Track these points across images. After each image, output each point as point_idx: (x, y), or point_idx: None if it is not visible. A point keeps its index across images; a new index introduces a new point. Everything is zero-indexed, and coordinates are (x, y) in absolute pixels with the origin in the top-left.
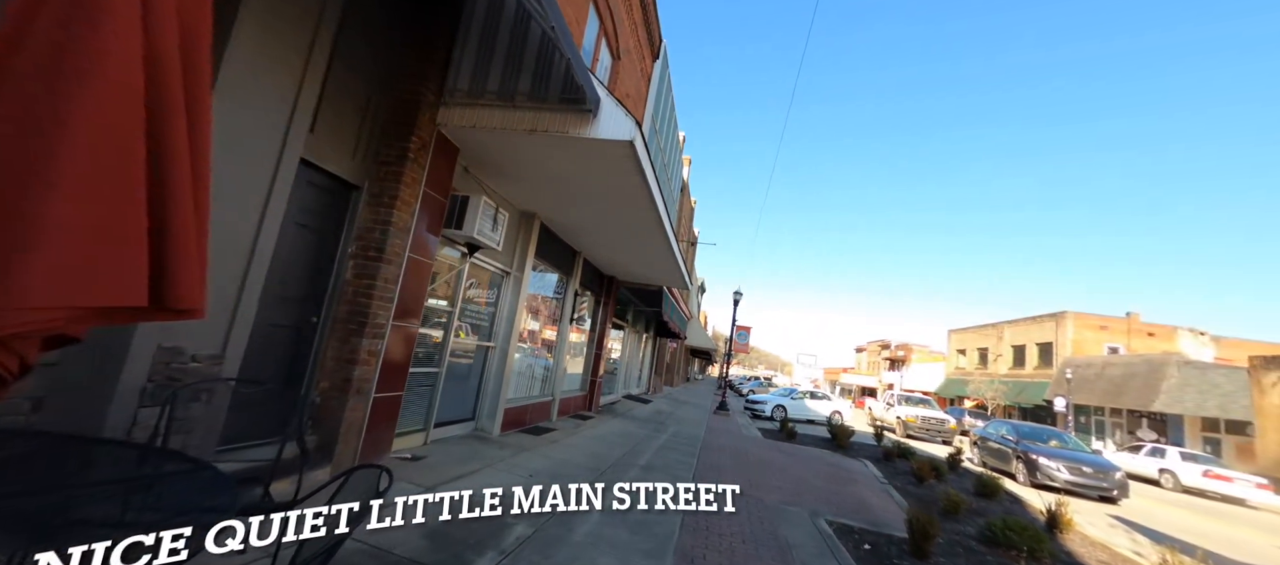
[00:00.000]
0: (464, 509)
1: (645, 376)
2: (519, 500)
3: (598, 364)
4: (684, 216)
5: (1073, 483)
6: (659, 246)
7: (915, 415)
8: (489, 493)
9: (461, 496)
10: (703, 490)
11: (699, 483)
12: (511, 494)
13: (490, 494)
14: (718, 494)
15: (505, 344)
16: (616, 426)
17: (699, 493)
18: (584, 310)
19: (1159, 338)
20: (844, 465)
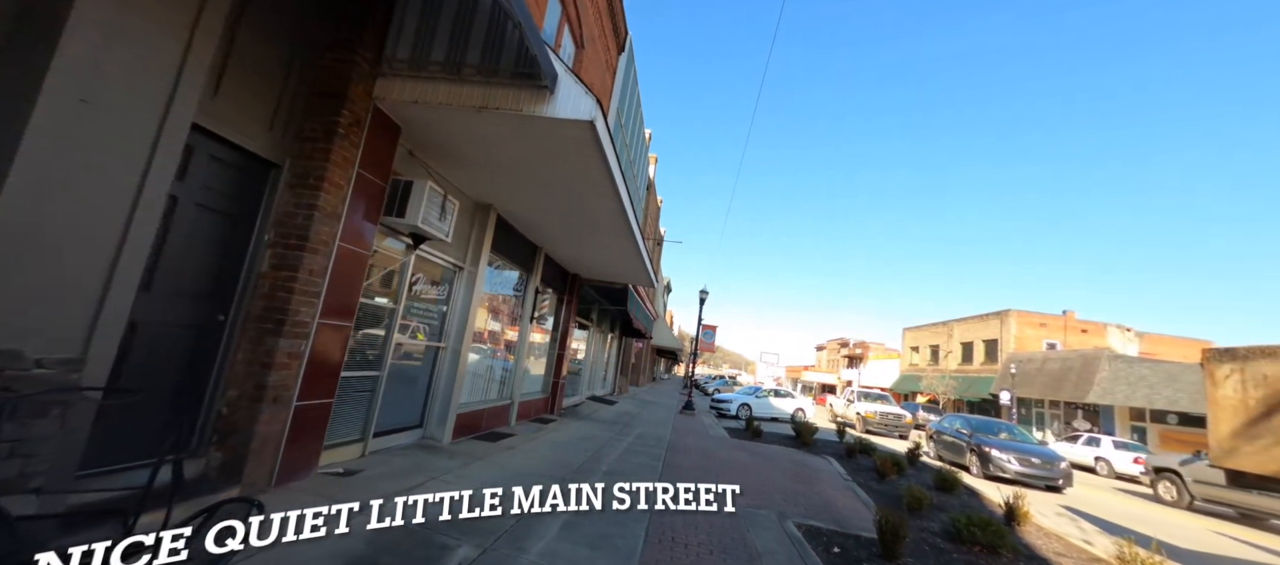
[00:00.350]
0: (398, 515)
1: (611, 377)
2: (466, 507)
3: (560, 365)
4: (650, 214)
5: (1022, 474)
6: (624, 241)
7: (874, 411)
8: (423, 499)
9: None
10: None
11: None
12: (459, 502)
13: (427, 500)
14: (718, 494)
15: (458, 344)
16: (579, 430)
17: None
18: (545, 309)
19: (1091, 334)
20: (809, 463)
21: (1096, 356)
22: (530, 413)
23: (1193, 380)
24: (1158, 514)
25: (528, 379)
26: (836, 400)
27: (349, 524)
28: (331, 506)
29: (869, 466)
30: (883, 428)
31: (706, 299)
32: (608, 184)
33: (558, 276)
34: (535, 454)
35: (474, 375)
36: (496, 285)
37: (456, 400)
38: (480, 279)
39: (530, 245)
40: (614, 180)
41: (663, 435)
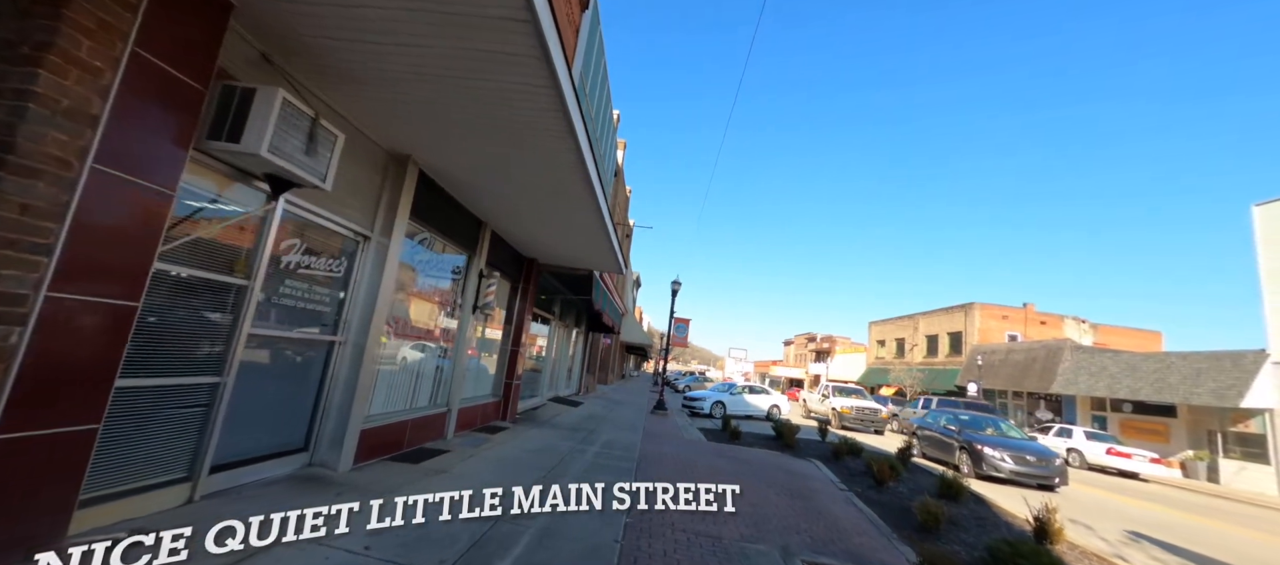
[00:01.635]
0: None
1: (576, 375)
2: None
3: (514, 363)
4: (618, 204)
5: (1018, 473)
6: (586, 215)
7: (850, 406)
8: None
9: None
10: None
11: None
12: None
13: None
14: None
15: (362, 338)
16: (535, 440)
17: None
18: (491, 296)
19: (1049, 326)
20: (797, 470)
21: (1059, 347)
22: (475, 420)
23: (1153, 370)
24: (1166, 515)
25: (471, 380)
26: (810, 395)
27: None
28: None
29: (860, 470)
30: (858, 423)
31: (679, 291)
32: (561, 125)
33: (510, 261)
34: (470, 478)
35: (391, 378)
36: (425, 266)
37: (360, 412)
38: (394, 253)
39: (471, 219)
40: (569, 115)
41: (633, 442)
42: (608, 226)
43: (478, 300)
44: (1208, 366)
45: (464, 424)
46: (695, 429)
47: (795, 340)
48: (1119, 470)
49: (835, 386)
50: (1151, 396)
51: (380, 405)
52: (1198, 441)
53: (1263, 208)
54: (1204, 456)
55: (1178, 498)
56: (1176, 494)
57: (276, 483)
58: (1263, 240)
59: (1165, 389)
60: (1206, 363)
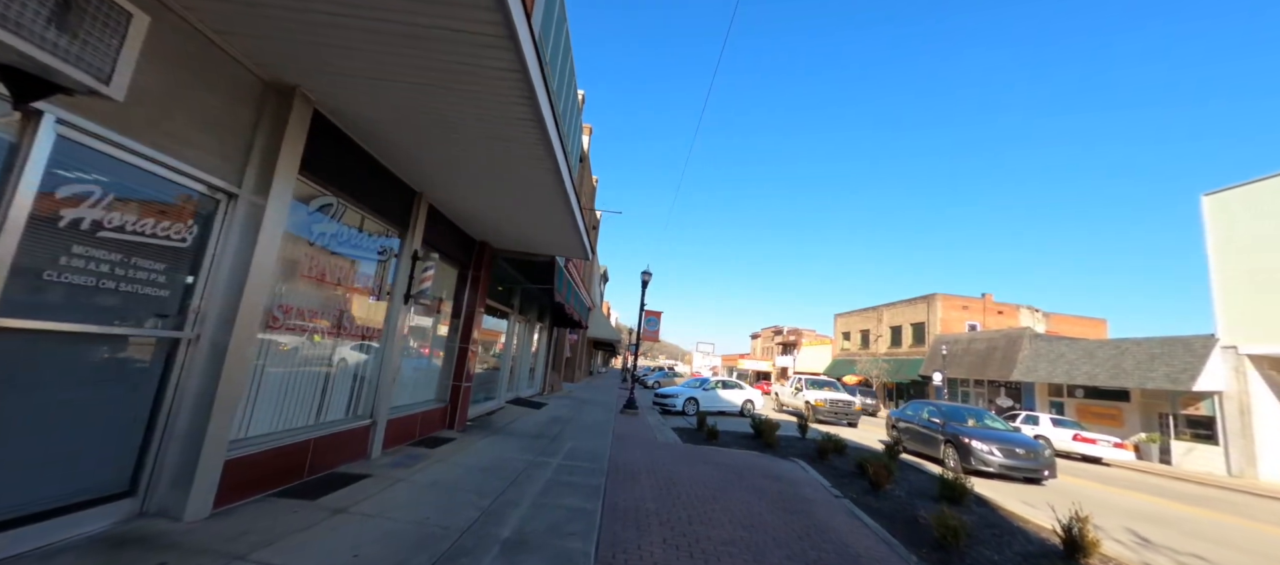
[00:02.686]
0: None
1: (540, 375)
2: None
3: (463, 363)
4: (584, 192)
5: (1007, 467)
6: (545, 186)
7: (823, 399)
8: None
9: None
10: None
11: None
12: None
13: None
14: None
15: (224, 334)
16: (486, 453)
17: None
18: (430, 282)
19: (1006, 315)
20: (784, 474)
21: (1019, 336)
22: (413, 432)
23: (1107, 356)
24: (1156, 506)
25: (408, 384)
26: (783, 388)
27: None
28: None
29: (848, 470)
30: (833, 416)
31: (650, 282)
32: (508, 54)
33: (456, 243)
34: (384, 519)
35: (283, 387)
36: (335, 241)
37: (222, 435)
38: (275, 219)
39: (400, 187)
40: (517, 38)
41: (601, 450)
42: (570, 200)
43: (412, 287)
44: (1161, 352)
45: (396, 437)
46: (669, 429)
47: (762, 334)
48: (1082, 455)
49: (808, 379)
50: (1108, 382)
51: (264, 423)
52: (1150, 424)
53: (1212, 197)
54: (1156, 439)
55: (1146, 482)
56: (1141, 478)
57: (74, 547)
58: (1211, 229)
59: (1121, 374)
60: (1159, 348)
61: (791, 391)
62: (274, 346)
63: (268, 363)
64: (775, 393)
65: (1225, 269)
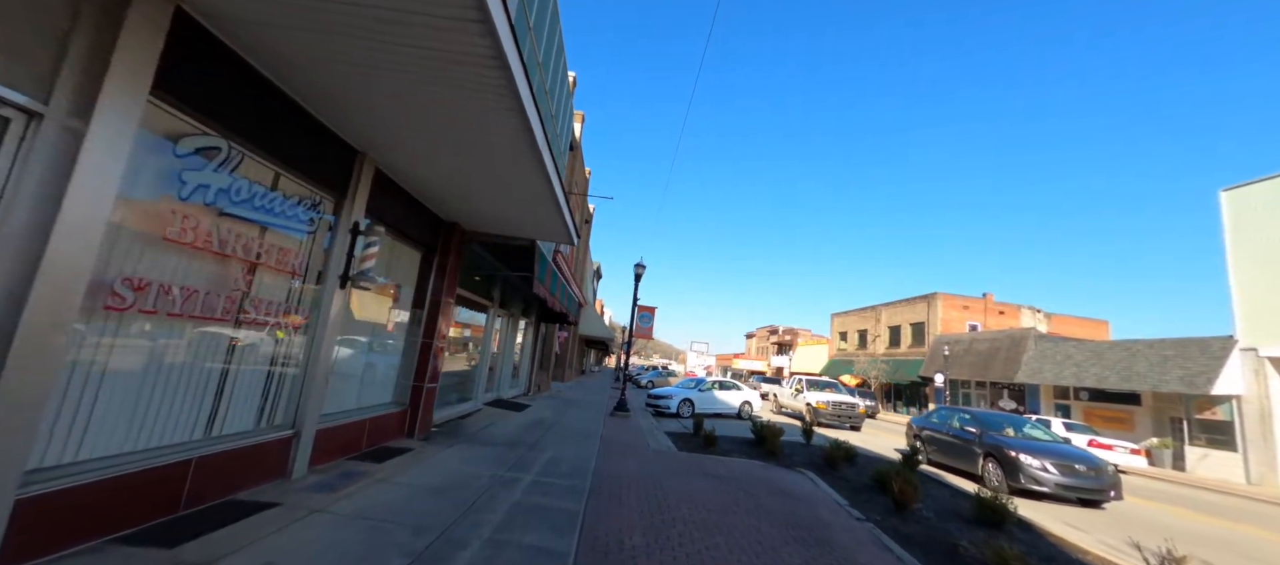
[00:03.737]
0: None
1: (525, 374)
2: None
3: (426, 360)
4: (576, 185)
5: (1066, 486)
6: (515, 150)
7: (825, 401)
8: None
9: None
10: None
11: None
12: None
13: None
14: None
15: (7, 316)
16: (444, 468)
17: None
18: (373, 262)
19: (1008, 315)
20: (793, 489)
21: (1024, 336)
22: (356, 442)
23: (1118, 358)
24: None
25: (349, 385)
26: (782, 389)
27: None
28: None
29: (863, 483)
30: (835, 418)
31: (643, 275)
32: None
33: (420, 222)
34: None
35: (130, 389)
36: (229, 199)
37: (9, 462)
38: (105, 152)
39: (332, 142)
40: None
41: (585, 460)
42: (546, 165)
43: (351, 267)
44: (1175, 353)
45: (334, 450)
46: (662, 434)
47: (757, 333)
48: None
49: (808, 380)
50: (1119, 385)
51: (105, 442)
52: (1161, 429)
53: (1230, 193)
54: (1169, 444)
55: (1170, 492)
56: (1162, 487)
57: None
58: (1230, 225)
59: (1133, 377)
60: (1173, 350)
61: (791, 393)
62: (121, 335)
63: (111, 359)
64: (774, 394)
65: (1245, 267)
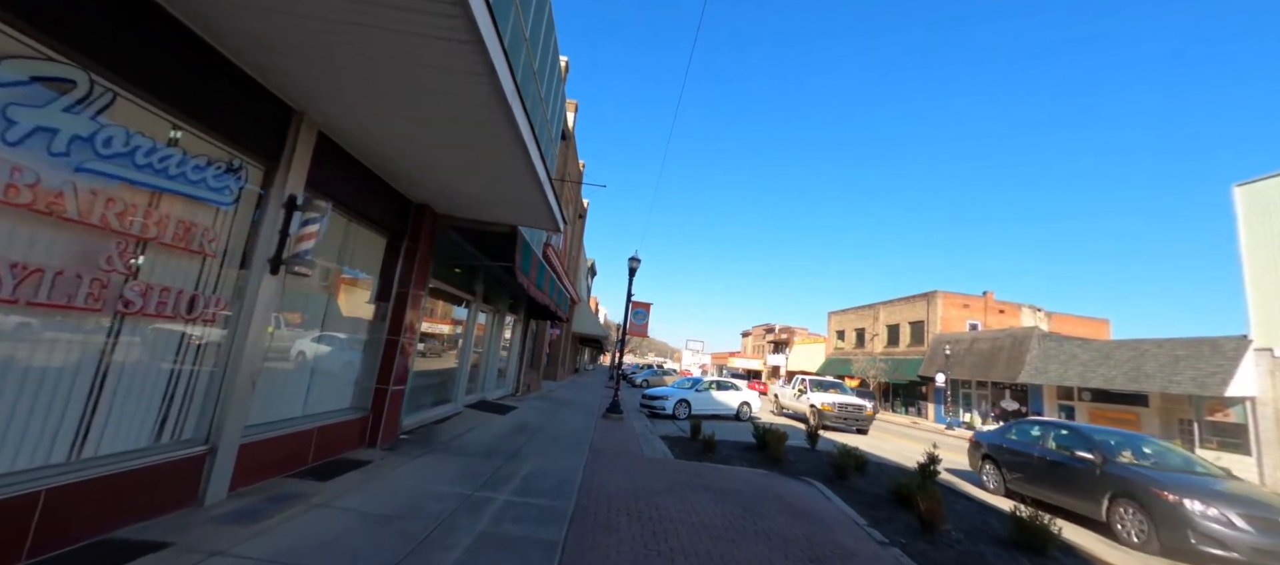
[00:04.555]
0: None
1: (513, 373)
2: None
3: (391, 359)
4: (569, 174)
5: (1265, 548)
6: (482, 113)
7: (831, 402)
8: None
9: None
10: None
11: None
12: None
13: None
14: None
15: None
16: (400, 489)
17: None
18: (312, 242)
19: (1008, 314)
20: (804, 505)
21: (1027, 336)
22: (298, 456)
23: (1126, 358)
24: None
25: (288, 389)
26: (784, 389)
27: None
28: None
29: (878, 496)
30: (841, 421)
31: (638, 268)
32: None
33: (382, 203)
34: None
35: None
36: (91, 149)
37: None
38: None
39: (257, 94)
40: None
41: (571, 473)
42: (521, 130)
43: (284, 249)
44: (1186, 354)
45: (264, 467)
46: (657, 439)
47: (753, 331)
48: None
49: (812, 380)
50: (1127, 385)
51: None
52: (1169, 431)
53: (1244, 188)
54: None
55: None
56: None
57: None
58: (1244, 221)
59: (1141, 377)
60: (1184, 350)
61: (794, 393)
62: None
63: None
64: (774, 395)
65: (1260, 265)
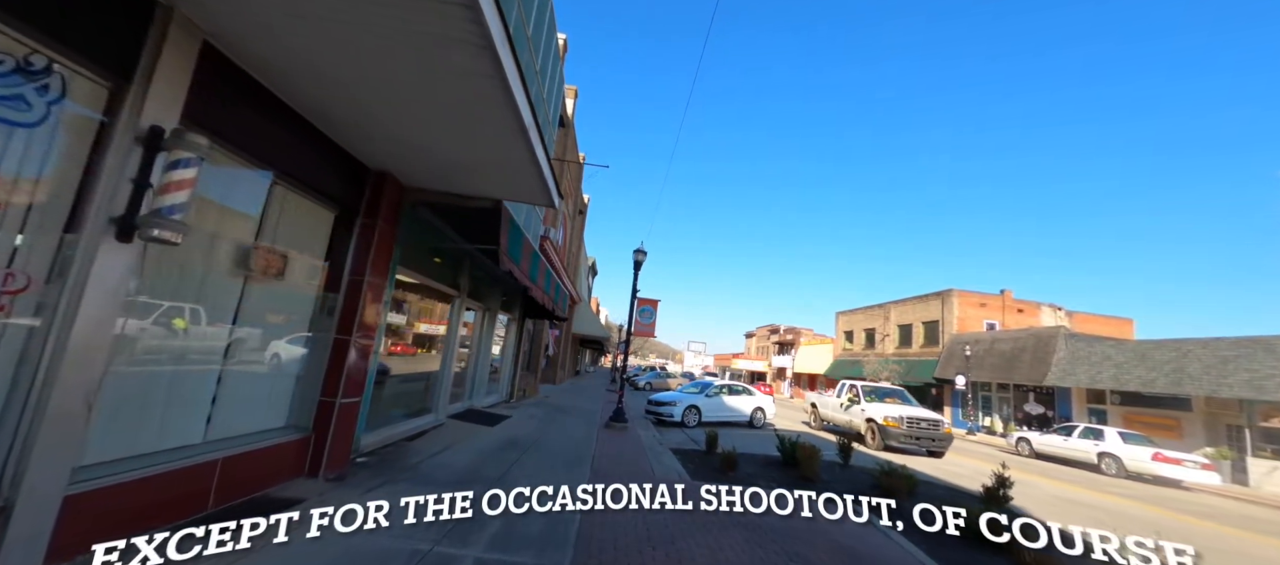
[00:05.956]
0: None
1: (507, 377)
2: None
3: (340, 365)
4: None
5: None
6: (462, 32)
7: (896, 417)
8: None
9: None
10: None
11: None
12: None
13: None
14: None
15: None
16: (322, 549)
17: None
18: (185, 195)
19: (1026, 314)
20: (862, 547)
21: (1052, 335)
22: (196, 500)
23: (1166, 359)
24: None
25: (171, 407)
26: (825, 397)
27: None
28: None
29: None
30: (910, 441)
31: (643, 262)
32: None
33: (323, 163)
34: None
35: None
36: None
37: None
38: None
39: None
40: None
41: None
42: (509, 80)
43: (139, 202)
44: (1235, 354)
45: (118, 524)
46: (668, 453)
47: (757, 332)
48: (1158, 477)
49: (864, 387)
50: (1169, 388)
51: None
52: (1216, 438)
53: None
54: (1227, 455)
55: (1264, 518)
56: (1245, 509)
57: None
58: None
59: (1185, 380)
60: (1233, 350)
61: (841, 403)
62: None
63: None
64: (812, 404)
65: None
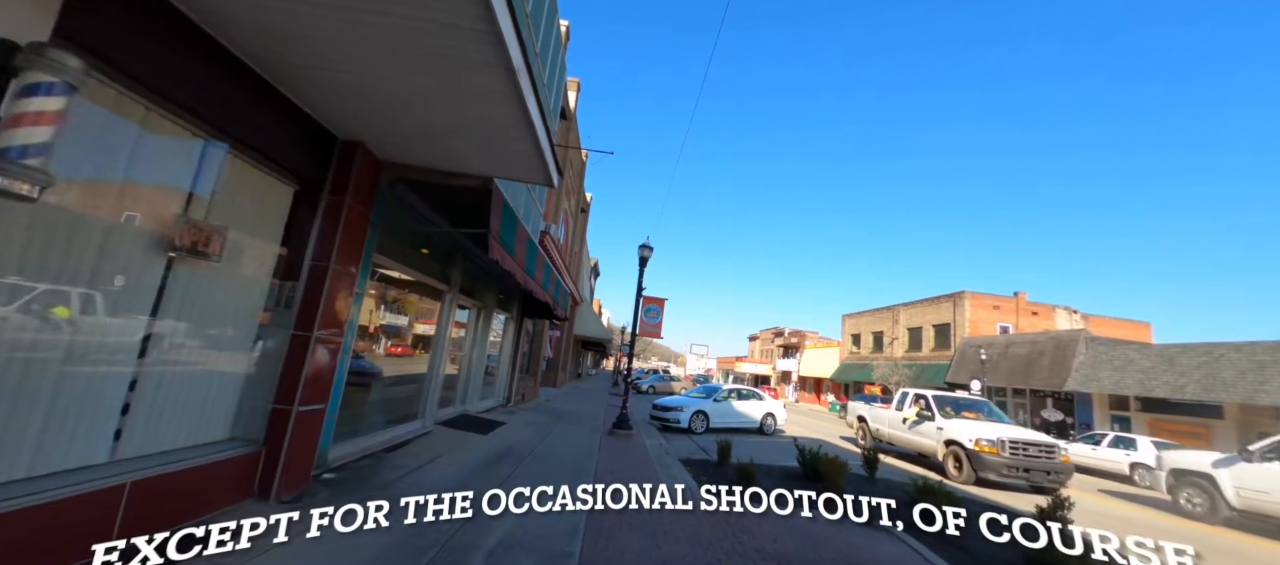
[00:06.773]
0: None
1: (504, 380)
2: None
3: (298, 366)
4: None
5: None
6: None
7: (992, 440)
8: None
9: None
10: None
11: None
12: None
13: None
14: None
15: None
16: None
17: None
18: (49, 131)
19: (1041, 316)
20: None
21: (1072, 338)
22: (98, 533)
23: (1195, 363)
24: None
25: (65, 418)
26: (880, 411)
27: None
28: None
29: (1004, 557)
30: (1016, 473)
31: (649, 259)
32: None
33: (281, 128)
34: None
35: None
36: None
37: None
38: None
39: None
40: None
41: (565, 541)
42: (501, 30)
43: None
44: (1273, 359)
45: None
46: (676, 463)
47: (761, 335)
48: None
49: (937, 398)
50: (1200, 394)
51: None
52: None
53: None
54: None
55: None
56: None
57: None
58: None
59: (1218, 386)
60: (1270, 354)
61: (906, 418)
62: None
63: None
64: (861, 418)
65: None
